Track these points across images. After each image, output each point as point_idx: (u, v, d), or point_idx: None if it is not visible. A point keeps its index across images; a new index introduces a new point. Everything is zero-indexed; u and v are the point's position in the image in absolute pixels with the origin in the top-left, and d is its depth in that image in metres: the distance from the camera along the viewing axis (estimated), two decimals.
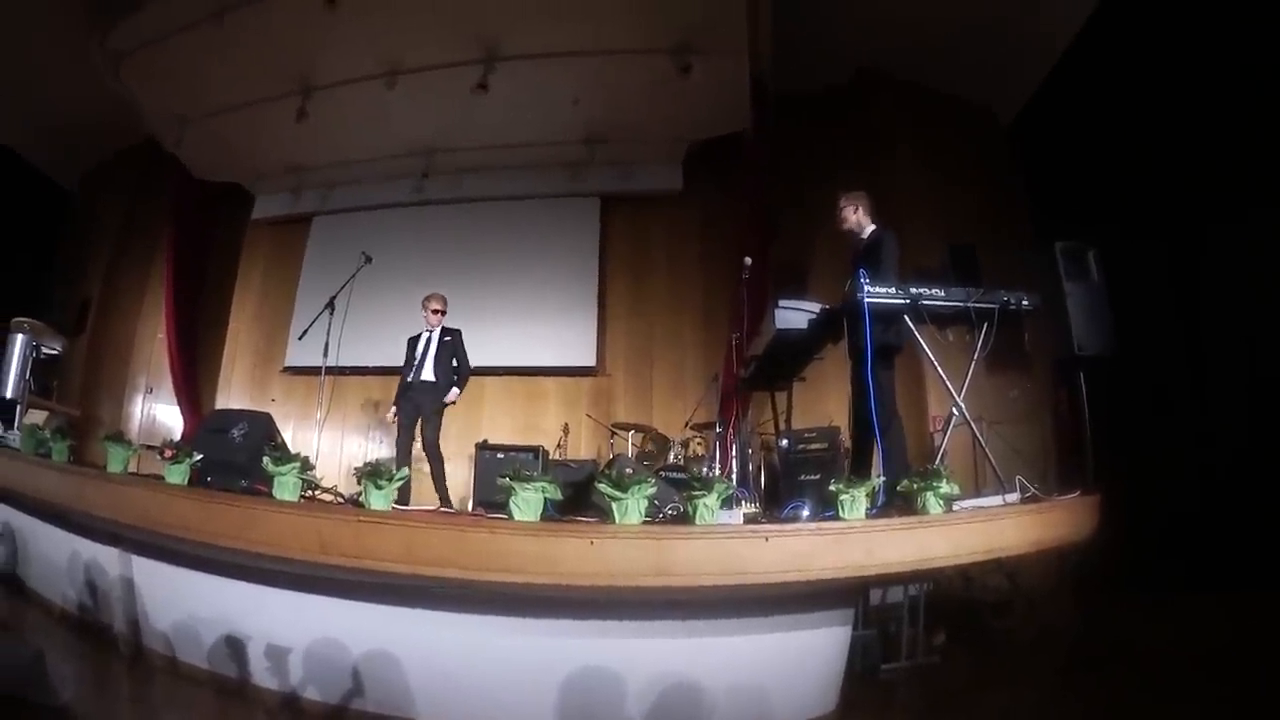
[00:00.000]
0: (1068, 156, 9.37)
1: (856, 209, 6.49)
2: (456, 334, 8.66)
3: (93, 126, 12.83)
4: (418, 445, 8.23)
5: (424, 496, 7.66)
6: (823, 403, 8.50)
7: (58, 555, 5.76)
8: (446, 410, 8.36)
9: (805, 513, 4.74)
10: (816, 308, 6.09)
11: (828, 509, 4.42)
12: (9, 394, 7.85)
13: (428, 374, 8.35)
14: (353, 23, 9.33)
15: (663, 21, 9.35)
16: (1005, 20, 9.32)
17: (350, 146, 12.26)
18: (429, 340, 8.51)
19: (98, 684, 4.88)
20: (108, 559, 5.34)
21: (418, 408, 8.27)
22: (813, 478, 6.19)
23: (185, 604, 4.98)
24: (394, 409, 8.47)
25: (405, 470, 4.85)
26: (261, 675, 4.66)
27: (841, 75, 11.13)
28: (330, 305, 8.19)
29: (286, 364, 12.55)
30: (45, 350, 8.48)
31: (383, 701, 4.44)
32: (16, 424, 7.58)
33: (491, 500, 6.99)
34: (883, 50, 10.48)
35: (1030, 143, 10.38)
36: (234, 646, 4.73)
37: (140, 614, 5.16)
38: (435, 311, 8.51)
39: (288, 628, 4.66)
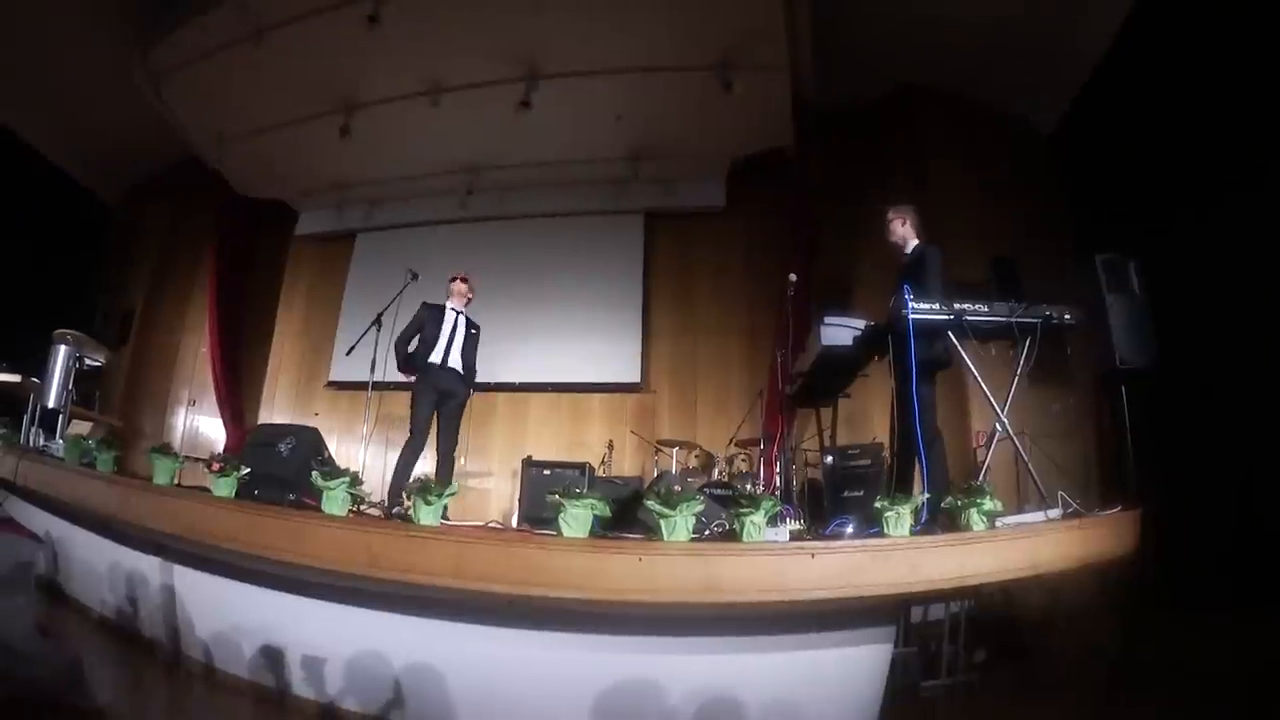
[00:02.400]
0: (1108, 166, 9.27)
1: (905, 221, 6.44)
2: (479, 330, 8.27)
3: (137, 141, 12.91)
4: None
5: (469, 511, 7.62)
6: (866, 419, 8.50)
7: (98, 562, 5.85)
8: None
9: (850, 529, 4.74)
10: (862, 324, 6.09)
11: (872, 525, 4.42)
12: (52, 404, 7.93)
13: (454, 360, 7.95)
14: (394, 41, 9.34)
15: (704, 38, 9.33)
16: (1041, 30, 9.25)
17: (394, 163, 12.32)
18: (455, 324, 8.06)
19: (135, 689, 4.97)
20: (149, 568, 5.43)
21: (440, 393, 7.78)
22: (857, 494, 6.20)
23: (226, 614, 5.06)
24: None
25: (454, 485, 4.87)
26: (300, 685, 4.72)
27: (882, 89, 11.08)
28: (378, 322, 8.18)
29: (330, 378, 12.65)
30: (88, 361, 8.64)
31: (423, 713, 4.49)
32: (59, 434, 7.71)
33: (538, 516, 6.98)
34: (922, 64, 10.44)
35: (1071, 153, 10.29)
36: (273, 656, 4.79)
37: (181, 622, 5.24)
38: (463, 281, 8.28)
39: (328, 639, 4.73)
